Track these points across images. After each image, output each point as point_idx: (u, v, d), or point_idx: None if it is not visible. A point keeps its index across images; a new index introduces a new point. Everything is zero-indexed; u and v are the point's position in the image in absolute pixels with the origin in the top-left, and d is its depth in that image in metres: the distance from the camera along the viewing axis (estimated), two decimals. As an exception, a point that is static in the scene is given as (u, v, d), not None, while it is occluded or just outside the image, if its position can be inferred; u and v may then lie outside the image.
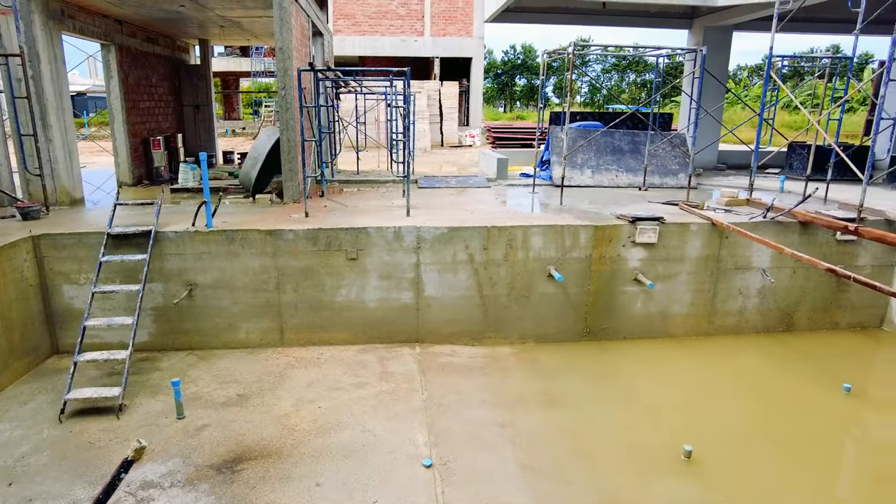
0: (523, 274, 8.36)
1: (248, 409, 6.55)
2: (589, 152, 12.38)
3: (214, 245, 7.76)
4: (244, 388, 7.02)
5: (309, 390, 6.97)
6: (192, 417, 6.34)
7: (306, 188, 8.78)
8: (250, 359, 7.80)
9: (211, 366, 7.60)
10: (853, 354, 8.70)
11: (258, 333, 8.10)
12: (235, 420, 6.30)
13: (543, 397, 7.08)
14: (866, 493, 5.67)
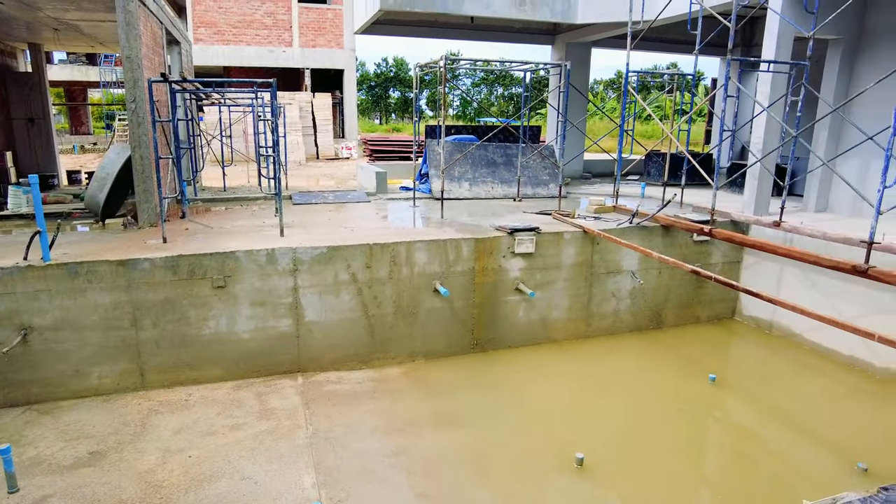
0: (409, 291, 8.14)
1: (103, 468, 5.66)
2: (465, 165, 12.51)
3: (54, 281, 6.70)
4: (98, 443, 6.08)
5: (177, 438, 6.20)
6: (30, 488, 5.35)
7: (163, 210, 7.91)
8: (105, 408, 6.82)
9: (56, 420, 6.53)
10: (713, 345, 9.50)
11: (114, 377, 7.11)
12: (87, 484, 5.41)
13: (436, 417, 6.89)
14: (738, 473, 6.09)
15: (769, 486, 5.81)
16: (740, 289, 6.45)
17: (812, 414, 7.28)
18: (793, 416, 7.18)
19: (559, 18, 12.72)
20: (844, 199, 10.27)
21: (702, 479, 6.09)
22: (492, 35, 15.82)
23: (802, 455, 6.39)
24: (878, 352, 8.04)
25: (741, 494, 5.72)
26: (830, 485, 5.75)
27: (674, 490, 5.76)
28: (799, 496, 5.54)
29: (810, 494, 5.51)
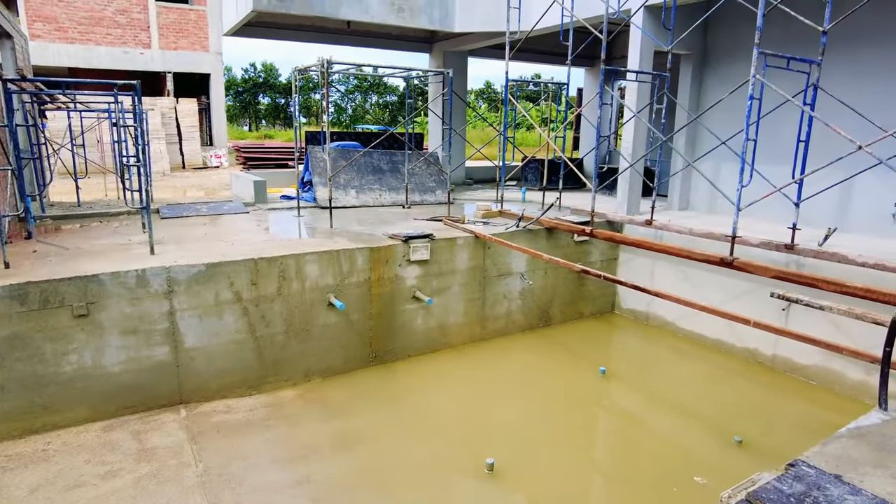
0: (301, 307, 7.71)
1: (-66, 547, 4.70)
2: (351, 172, 12.19)
3: None
4: (-75, 517, 5.05)
5: (35, 498, 5.31)
6: None
7: (3, 230, 6.80)
8: (-67, 472, 5.68)
9: None
10: (598, 338, 10.04)
11: (-57, 434, 5.96)
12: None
13: (338, 439, 6.55)
14: (631, 458, 6.42)
15: (659, 466, 6.18)
16: (629, 285, 6.85)
17: (690, 395, 7.91)
18: (674, 399, 7.75)
19: (437, 26, 12.84)
20: (702, 198, 11.37)
21: (600, 468, 6.35)
22: (368, 41, 15.63)
23: (686, 434, 6.90)
24: (739, 334, 8.95)
25: (635, 478, 6.02)
26: (712, 459, 6.25)
27: (578, 482, 5.94)
28: (686, 473, 5.97)
29: (696, 471, 5.95)
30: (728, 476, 5.95)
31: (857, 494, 2.74)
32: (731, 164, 10.52)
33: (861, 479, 2.90)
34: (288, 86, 55.44)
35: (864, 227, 8.95)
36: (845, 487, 2.79)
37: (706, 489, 5.74)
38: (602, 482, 6.14)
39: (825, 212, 9.25)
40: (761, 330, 5.71)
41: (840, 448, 3.21)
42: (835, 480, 2.85)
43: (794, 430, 6.96)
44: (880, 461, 3.11)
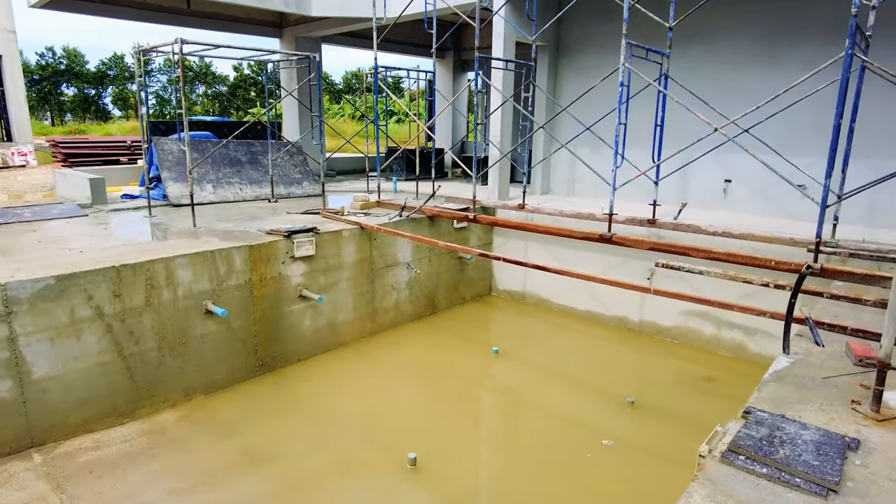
0: (174, 317, 6.79)
1: None
2: (206, 166, 11.03)
3: None
4: None
5: None
6: None
7: None
8: None
9: None
10: (483, 320, 10.30)
11: None
12: None
13: (239, 458, 5.91)
14: (535, 430, 6.67)
15: (567, 435, 6.50)
16: (538, 267, 7.06)
17: (576, 364, 8.44)
18: (563, 370, 8.21)
19: (292, 9, 12.08)
20: (561, 182, 12.15)
21: (514, 445, 6.49)
22: (210, 23, 14.23)
23: (582, 402, 7.34)
24: (607, 305, 9.76)
25: (550, 450, 6.26)
26: (612, 421, 6.72)
27: (496, 461, 6.03)
28: (593, 438, 6.34)
29: (602, 434, 6.35)
30: (630, 435, 6.46)
31: (806, 429, 3.08)
32: (588, 150, 11.38)
33: (800, 415, 3.28)
34: (98, 75, 48.95)
35: (702, 202, 10.25)
36: (795, 424, 3.13)
37: (615, 450, 6.16)
38: (519, 458, 6.27)
39: (671, 190, 10.40)
40: (661, 296, 6.19)
41: (771, 391, 3.60)
42: (784, 419, 3.18)
43: (669, 385, 7.76)
44: (804, 397, 3.54)
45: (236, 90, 58.86)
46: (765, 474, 2.72)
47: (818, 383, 3.72)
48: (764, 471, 2.74)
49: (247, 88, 58.57)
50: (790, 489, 2.65)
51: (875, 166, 8.39)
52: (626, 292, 9.34)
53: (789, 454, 2.82)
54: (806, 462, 2.76)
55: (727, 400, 7.40)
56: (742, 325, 8.43)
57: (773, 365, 3.99)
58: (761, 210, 9.86)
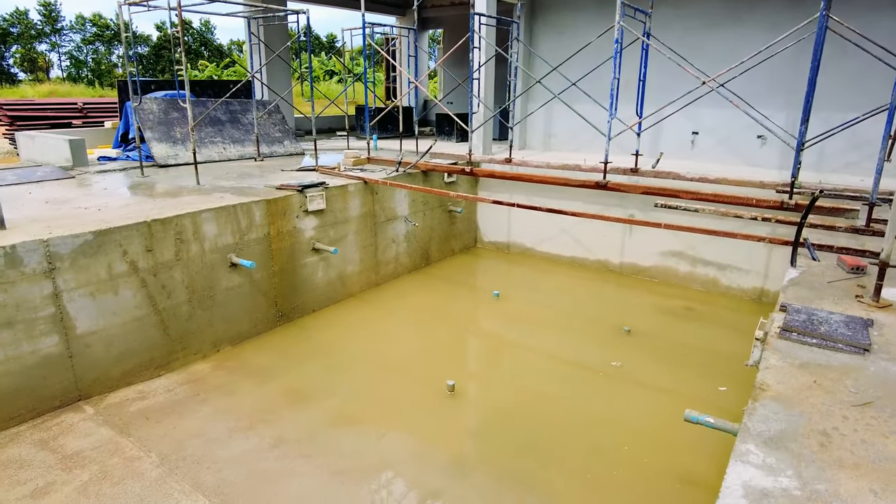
0: (202, 271, 6.94)
1: None
2: (186, 125, 10.82)
3: None
4: None
5: (-52, 540, 4.18)
6: None
7: None
8: None
9: None
10: (475, 269, 10.87)
11: None
12: None
13: (286, 399, 6.26)
14: (558, 359, 7.38)
15: (579, 358, 7.23)
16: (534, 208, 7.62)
17: (570, 302, 9.19)
18: (559, 307, 8.94)
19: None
20: (537, 138, 12.73)
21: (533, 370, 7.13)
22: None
23: (585, 332, 8.08)
24: (591, 249, 10.54)
25: (566, 372, 6.97)
26: (617, 346, 7.49)
27: (521, 383, 6.68)
28: (603, 360, 7.10)
29: (610, 357, 7.11)
30: (632, 355, 7.28)
31: (832, 314, 3.86)
32: (563, 108, 11.97)
33: (822, 307, 4.05)
34: (2, 31, 44.84)
35: (672, 153, 11.12)
36: (823, 312, 3.89)
37: (623, 369, 6.95)
38: (541, 381, 6.93)
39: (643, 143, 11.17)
40: (671, 230, 6.88)
41: (793, 293, 4.36)
42: (813, 309, 3.94)
43: (655, 315, 8.63)
44: (819, 295, 4.33)
45: (160, 51, 55.43)
46: (815, 343, 3.47)
47: (825, 286, 4.53)
48: (814, 341, 3.48)
49: (171, 49, 55.39)
50: (836, 352, 3.41)
51: (824, 118, 9.43)
52: (608, 237, 10.16)
53: (828, 329, 3.57)
54: (842, 333, 3.52)
55: (707, 322, 8.38)
56: (714, 262, 9.41)
57: (787, 275, 4.78)
58: (724, 159, 10.84)
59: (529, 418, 5.95)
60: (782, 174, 9.58)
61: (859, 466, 2.42)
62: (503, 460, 5.24)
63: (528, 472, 5.09)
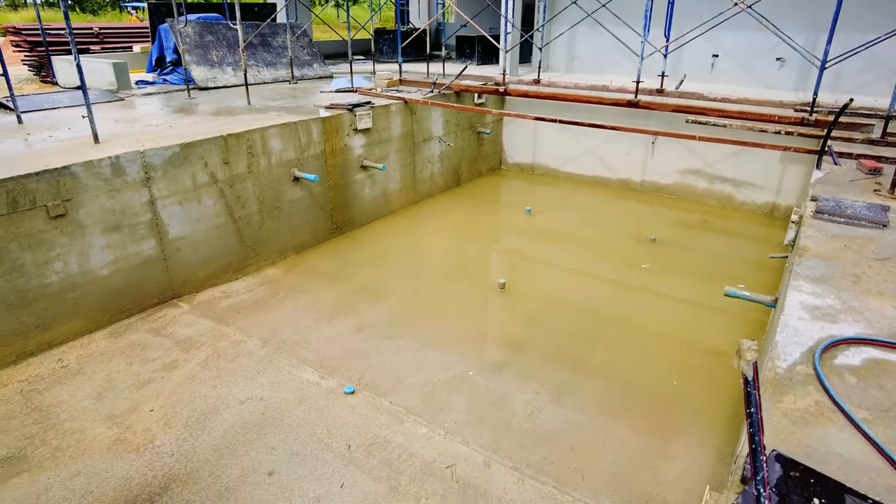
0: (270, 184, 7.52)
1: (41, 468, 4.29)
2: (222, 48, 11.04)
3: None
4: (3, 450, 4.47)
5: (107, 403, 4.97)
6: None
7: None
8: (-68, 415, 4.83)
9: None
10: (504, 189, 11.47)
11: (-77, 374, 4.97)
12: (45, 489, 4.09)
13: (357, 295, 7.01)
14: (593, 262, 8.14)
15: (611, 259, 7.99)
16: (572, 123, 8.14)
17: (595, 216, 9.87)
18: (588, 220, 9.63)
19: None
20: (560, 61, 13.01)
21: (571, 272, 7.92)
22: None
23: (613, 239, 8.81)
24: (613, 169, 11.13)
25: (601, 271, 7.75)
26: (644, 251, 8.25)
27: (562, 282, 7.46)
28: (632, 263, 7.86)
29: (640, 260, 7.87)
30: (659, 259, 8.05)
31: (855, 202, 4.57)
32: (587, 31, 12.22)
33: (845, 197, 4.75)
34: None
35: (692, 75, 11.52)
36: (847, 200, 4.60)
37: (652, 270, 7.73)
38: (581, 281, 7.72)
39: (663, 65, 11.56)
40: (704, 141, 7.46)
41: (820, 189, 5.07)
42: (839, 198, 4.64)
43: (675, 226, 9.36)
44: (842, 190, 5.05)
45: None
46: (843, 222, 4.24)
47: (847, 183, 5.23)
48: (841, 220, 4.25)
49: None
50: (860, 227, 4.21)
51: (843, 40, 9.82)
52: (631, 156, 10.74)
53: (853, 212, 4.31)
54: (865, 214, 4.26)
55: (724, 233, 9.13)
56: (730, 179, 10.06)
57: (813, 175, 5.49)
58: (742, 81, 11.28)
59: (573, 310, 6.76)
60: (799, 95, 10.08)
61: (882, 294, 3.23)
62: (555, 341, 6.07)
63: (578, 348, 5.93)
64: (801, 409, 2.35)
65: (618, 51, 11.79)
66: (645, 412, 4.99)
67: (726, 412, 5.04)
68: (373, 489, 4.07)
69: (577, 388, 5.32)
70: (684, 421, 4.89)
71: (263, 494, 4.03)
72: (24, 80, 15.83)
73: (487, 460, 4.36)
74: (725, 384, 5.40)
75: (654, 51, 9.14)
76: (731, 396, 5.21)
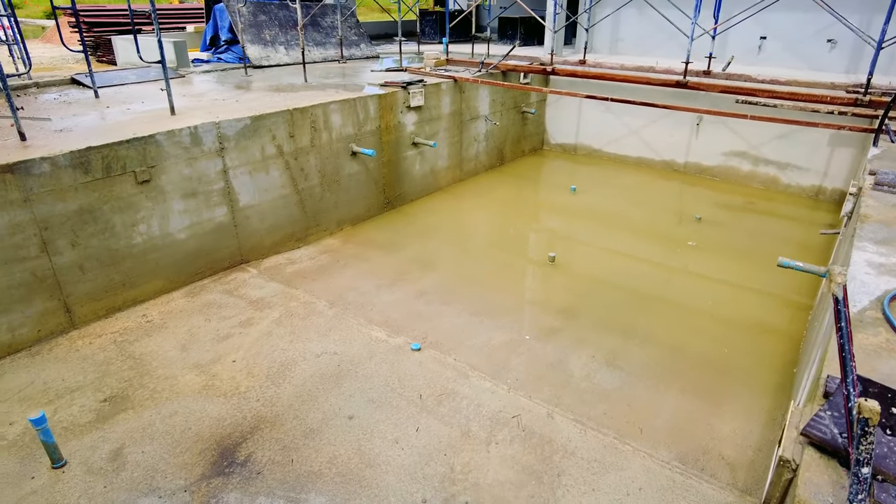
0: (330, 157, 7.86)
1: (145, 406, 4.74)
2: (274, 28, 11.39)
3: None
4: (98, 390, 4.90)
5: (192, 354, 5.40)
6: (81, 453, 4.26)
7: (11, 101, 5.72)
8: (46, 360, 5.29)
9: None
10: (547, 168, 11.65)
11: (31, 325, 5.44)
12: (149, 425, 4.53)
13: (412, 265, 7.33)
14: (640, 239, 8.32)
15: (658, 237, 8.16)
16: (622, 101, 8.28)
17: (641, 195, 10.01)
18: (632, 199, 9.77)
19: None
20: (603, 42, 13.06)
21: (619, 250, 8.10)
22: None
23: (659, 218, 8.97)
24: (657, 150, 11.22)
25: (648, 249, 7.92)
26: (690, 229, 8.39)
27: (610, 257, 7.66)
28: (679, 240, 8.02)
29: (686, 238, 8.02)
30: (705, 237, 8.19)
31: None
32: (632, 12, 12.25)
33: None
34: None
35: (739, 57, 11.49)
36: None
37: (698, 248, 7.89)
38: (628, 259, 7.92)
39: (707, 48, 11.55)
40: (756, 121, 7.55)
41: (877, 164, 5.19)
42: None
43: (719, 208, 9.45)
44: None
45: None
46: None
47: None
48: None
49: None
50: None
51: None
52: (675, 138, 10.82)
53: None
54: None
55: (766, 214, 9.19)
56: (775, 161, 10.08)
57: (869, 152, 5.60)
58: (790, 64, 11.21)
59: (624, 282, 6.98)
60: (850, 78, 10.02)
61: (947, 260, 3.41)
62: (605, 312, 6.31)
63: (628, 319, 6.16)
64: (873, 345, 2.58)
65: (662, 33, 11.81)
66: (696, 377, 5.22)
67: (774, 381, 5.24)
68: (446, 433, 4.41)
69: (630, 353, 5.57)
70: (734, 387, 5.11)
71: (346, 435, 4.39)
72: (80, 60, 16.49)
73: (550, 412, 4.66)
74: (773, 356, 5.59)
75: (702, 33, 9.18)
76: (779, 367, 5.40)
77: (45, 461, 4.15)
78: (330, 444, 4.30)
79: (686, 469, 4.15)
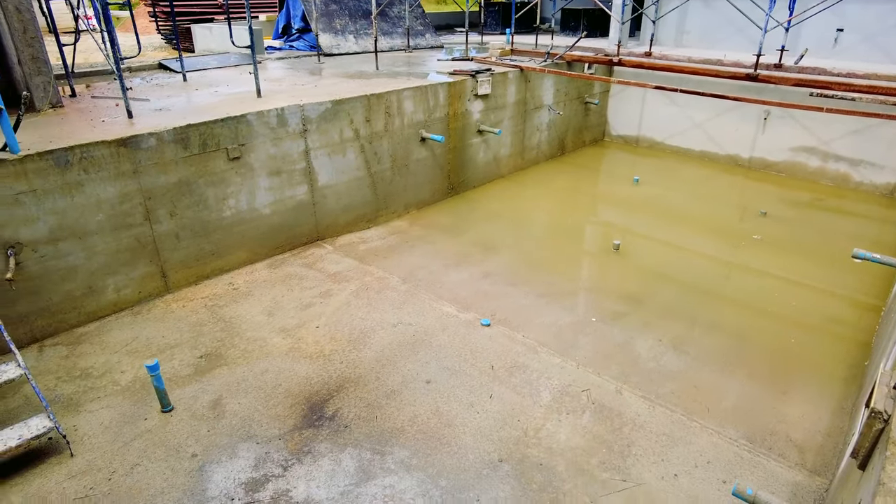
0: (401, 142, 8.17)
1: (237, 363, 5.15)
2: (344, 17, 11.79)
3: (39, 176, 5.13)
4: (194, 348, 5.35)
5: (277, 320, 5.80)
6: (184, 401, 4.70)
7: (123, 83, 6.24)
8: (147, 319, 5.79)
9: (102, 347, 5.36)
10: (608, 160, 11.67)
11: (133, 287, 5.96)
12: (242, 380, 4.93)
13: (476, 248, 7.56)
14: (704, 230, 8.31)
15: (724, 230, 8.13)
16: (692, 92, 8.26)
17: (705, 189, 9.94)
18: (696, 192, 9.71)
19: None
20: (669, 35, 12.92)
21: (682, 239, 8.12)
22: None
23: (723, 212, 8.91)
24: (721, 144, 11.09)
25: (712, 239, 7.91)
26: (755, 223, 8.33)
27: (675, 247, 7.69)
28: (745, 233, 7.97)
29: (751, 231, 7.96)
30: (771, 232, 8.12)
31: None
32: (698, 5, 12.09)
33: None
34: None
35: (812, 50, 11.20)
36: None
37: (764, 242, 7.83)
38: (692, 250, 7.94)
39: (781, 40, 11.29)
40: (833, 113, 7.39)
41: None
42: None
43: (785, 204, 9.29)
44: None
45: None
46: None
47: None
48: None
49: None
50: None
51: None
52: (740, 132, 10.68)
53: None
54: None
55: (835, 212, 8.99)
56: (847, 157, 9.82)
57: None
58: (868, 57, 10.84)
59: (687, 272, 7.03)
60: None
61: None
62: (669, 299, 6.40)
63: (692, 307, 6.23)
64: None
65: (730, 26, 11.61)
66: (761, 365, 5.28)
67: (843, 373, 5.24)
68: (518, 402, 4.64)
69: (696, 339, 5.66)
70: (801, 376, 5.15)
71: (424, 397, 4.68)
72: (158, 48, 17.36)
73: (619, 388, 4.83)
74: (841, 350, 5.57)
75: (776, 25, 9.02)
76: (848, 360, 5.39)
77: (155, 405, 4.60)
78: (410, 405, 4.60)
79: (754, 447, 4.26)
